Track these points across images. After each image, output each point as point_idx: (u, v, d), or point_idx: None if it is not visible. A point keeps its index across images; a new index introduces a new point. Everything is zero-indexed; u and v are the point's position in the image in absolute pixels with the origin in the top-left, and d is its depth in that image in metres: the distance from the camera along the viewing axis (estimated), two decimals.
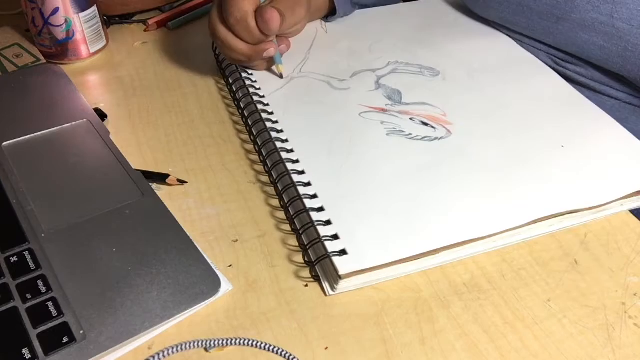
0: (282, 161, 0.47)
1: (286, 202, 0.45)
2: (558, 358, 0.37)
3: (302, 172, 0.46)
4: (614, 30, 0.53)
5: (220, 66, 0.61)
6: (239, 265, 0.42)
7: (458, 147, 0.49)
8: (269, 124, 0.50)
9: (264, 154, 0.49)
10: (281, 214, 0.46)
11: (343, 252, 0.40)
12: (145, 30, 0.69)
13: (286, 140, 0.49)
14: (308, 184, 0.45)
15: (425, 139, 0.50)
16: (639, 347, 0.38)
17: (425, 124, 0.51)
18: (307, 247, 0.42)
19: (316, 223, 0.41)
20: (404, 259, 0.40)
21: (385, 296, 0.40)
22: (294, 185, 0.44)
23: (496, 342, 0.38)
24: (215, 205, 0.47)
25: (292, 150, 0.48)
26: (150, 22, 0.69)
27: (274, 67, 0.57)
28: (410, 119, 0.52)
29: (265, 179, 0.49)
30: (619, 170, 0.47)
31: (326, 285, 0.40)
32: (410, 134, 0.50)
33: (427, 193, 0.45)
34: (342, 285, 0.40)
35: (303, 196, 0.43)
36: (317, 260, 0.41)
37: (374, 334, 0.38)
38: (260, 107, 0.52)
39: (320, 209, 0.43)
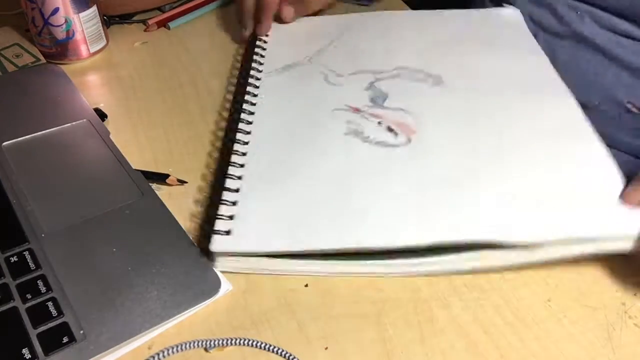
0: (234, 140, 0.49)
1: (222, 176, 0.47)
2: (558, 358, 0.37)
3: (244, 154, 0.48)
4: None
5: (251, 43, 0.63)
6: None
7: (408, 157, 0.47)
8: (245, 105, 0.52)
9: (229, 130, 0.52)
10: None
11: (228, 232, 0.41)
12: (145, 30, 0.69)
13: (250, 122, 0.51)
14: (242, 165, 0.46)
15: (380, 143, 0.48)
16: (639, 347, 0.38)
17: (391, 130, 0.50)
18: (207, 221, 0.44)
19: (223, 201, 0.43)
20: (285, 253, 0.40)
21: (385, 296, 0.40)
22: (230, 164, 0.46)
23: (496, 342, 0.38)
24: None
25: (249, 132, 0.50)
26: (150, 22, 0.69)
27: None
28: (379, 122, 0.50)
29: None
30: (576, 209, 0.42)
31: (213, 259, 0.41)
32: (368, 137, 0.49)
33: (345, 195, 0.44)
34: (220, 263, 0.41)
35: (229, 175, 0.45)
36: (207, 232, 0.42)
37: (374, 334, 0.38)
38: (249, 88, 0.54)
39: (236, 190, 0.44)
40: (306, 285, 0.41)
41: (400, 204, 0.43)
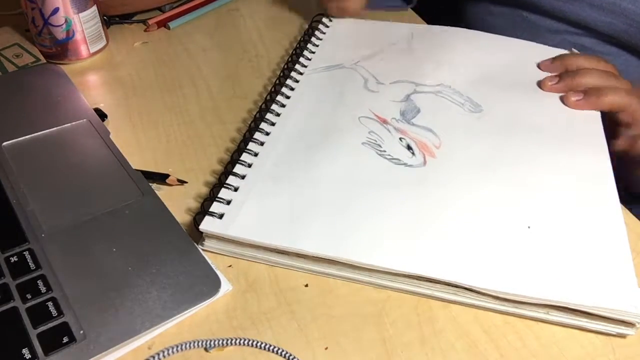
0: (258, 129, 0.50)
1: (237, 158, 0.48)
2: (558, 358, 0.37)
3: (262, 144, 0.49)
4: (619, 9, 0.60)
5: (300, 39, 0.63)
6: (239, 265, 0.42)
7: (418, 179, 0.46)
8: (279, 97, 0.54)
9: (256, 119, 0.52)
10: None
11: (221, 216, 0.42)
12: (145, 30, 0.69)
13: (278, 115, 0.52)
14: (256, 155, 0.48)
15: (394, 160, 0.48)
16: (639, 347, 0.38)
17: (409, 148, 0.49)
18: (205, 200, 0.45)
19: (226, 185, 0.45)
20: (265, 246, 0.41)
21: (385, 296, 0.40)
22: (245, 151, 0.48)
23: (496, 342, 0.38)
24: None
25: (273, 124, 0.51)
26: (150, 22, 0.69)
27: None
28: (400, 138, 0.50)
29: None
30: (571, 274, 0.40)
31: (202, 238, 0.43)
32: (384, 151, 0.49)
33: (342, 203, 0.44)
34: (208, 243, 0.43)
35: (240, 162, 0.47)
36: (196, 214, 0.45)
37: (374, 334, 0.38)
38: (289, 81, 0.56)
39: (242, 177, 0.46)
40: (306, 285, 0.41)
41: (393, 225, 0.42)
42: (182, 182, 0.48)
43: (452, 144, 0.50)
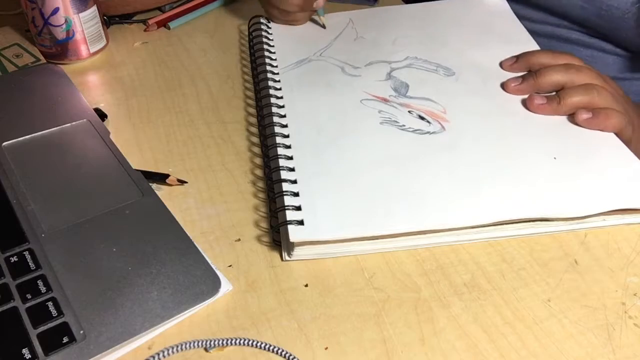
0: (274, 134, 0.49)
1: (270, 171, 0.47)
2: (558, 358, 0.37)
3: (289, 147, 0.48)
4: None
5: (250, 43, 0.64)
6: (239, 265, 0.42)
7: (447, 143, 0.49)
8: (273, 99, 0.53)
9: (263, 125, 0.52)
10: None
11: (300, 222, 0.42)
12: (145, 30, 0.69)
13: (284, 116, 0.52)
14: (290, 158, 0.47)
15: (417, 131, 0.50)
16: (639, 347, 0.38)
17: (422, 118, 0.52)
18: (273, 213, 0.45)
19: (285, 193, 0.44)
20: (359, 238, 0.42)
21: (385, 296, 0.40)
22: (277, 157, 0.47)
23: (496, 342, 0.38)
24: (215, 205, 0.47)
25: (286, 125, 0.51)
26: (150, 22, 0.69)
27: (317, 19, 0.65)
28: (409, 111, 0.52)
29: (258, 150, 0.52)
30: (607, 186, 0.45)
31: (284, 250, 0.43)
32: (404, 125, 0.51)
33: (399, 181, 0.45)
34: (297, 252, 0.42)
35: (281, 168, 0.46)
36: (277, 225, 0.44)
37: (374, 334, 0.38)
38: (270, 83, 0.56)
39: (294, 182, 0.45)
40: (306, 285, 0.41)
41: (458, 185, 0.45)
42: (182, 182, 0.48)
43: (454, 107, 0.53)
